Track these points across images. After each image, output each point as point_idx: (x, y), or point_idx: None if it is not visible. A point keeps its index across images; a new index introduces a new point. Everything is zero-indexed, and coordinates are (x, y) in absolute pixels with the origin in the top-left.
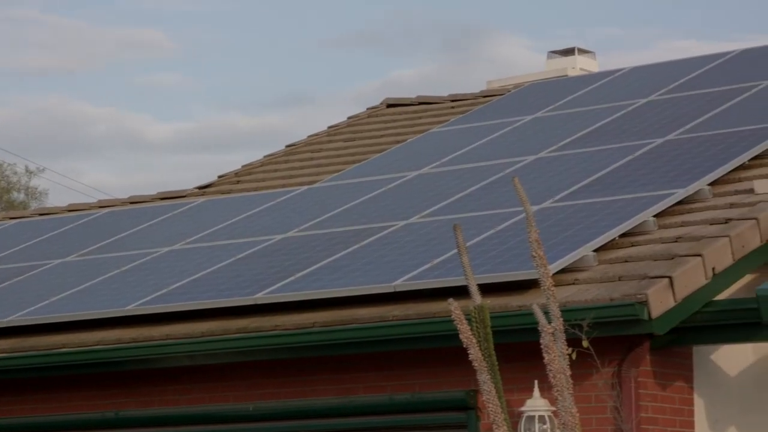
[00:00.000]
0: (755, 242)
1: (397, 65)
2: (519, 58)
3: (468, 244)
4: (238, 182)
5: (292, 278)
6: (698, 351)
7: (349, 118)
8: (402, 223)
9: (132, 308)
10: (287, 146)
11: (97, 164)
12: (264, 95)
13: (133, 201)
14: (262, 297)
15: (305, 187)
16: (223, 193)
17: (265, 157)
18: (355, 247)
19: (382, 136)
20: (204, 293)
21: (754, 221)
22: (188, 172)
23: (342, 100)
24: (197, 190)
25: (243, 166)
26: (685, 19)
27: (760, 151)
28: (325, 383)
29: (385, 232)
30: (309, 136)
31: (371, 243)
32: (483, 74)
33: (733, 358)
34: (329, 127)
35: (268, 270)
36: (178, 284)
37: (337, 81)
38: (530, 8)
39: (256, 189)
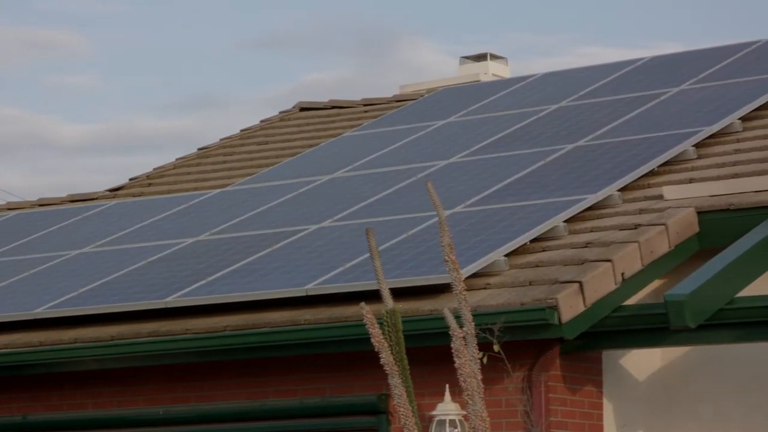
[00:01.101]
0: (664, 248)
1: (311, 69)
2: (433, 63)
3: (380, 248)
4: (149, 185)
5: (204, 282)
6: (607, 356)
7: (262, 121)
8: (314, 227)
9: (41, 311)
10: (199, 149)
11: (5, 166)
12: (176, 97)
13: (43, 203)
14: (173, 300)
15: (217, 191)
16: (134, 195)
17: (177, 159)
18: (268, 250)
19: (294, 139)
20: (114, 296)
21: (662, 227)
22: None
23: (255, 104)
24: (108, 193)
25: (155, 169)
26: (597, 25)
27: (669, 157)
28: (235, 387)
29: (298, 235)
30: (221, 139)
31: (283, 247)
32: (397, 78)
33: (641, 362)
34: (242, 131)
35: (179, 273)
36: (88, 287)
37: (251, 84)
38: (444, 13)
39: (167, 192)
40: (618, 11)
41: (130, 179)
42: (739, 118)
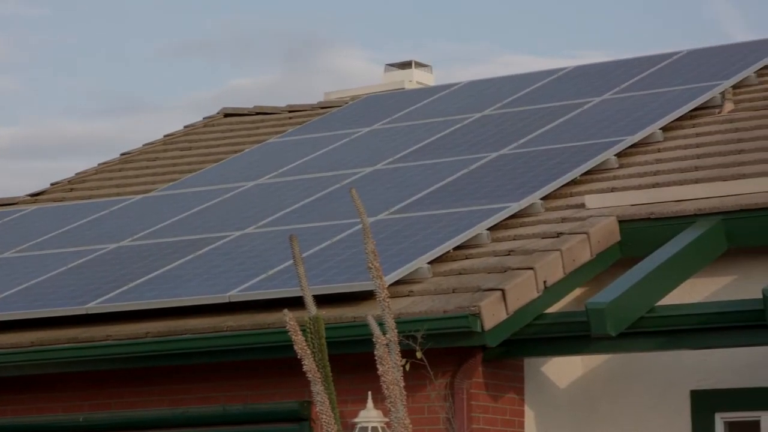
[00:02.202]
0: (585, 256)
1: (236, 74)
2: (358, 70)
3: (304, 254)
4: (71, 190)
5: (126, 288)
6: (529, 363)
7: (185, 127)
8: (238, 233)
9: None
10: (122, 154)
11: None
12: (99, 102)
13: None
14: (94, 306)
15: (140, 196)
16: (55, 200)
17: (99, 164)
18: (190, 257)
19: (218, 145)
20: (34, 302)
21: (584, 236)
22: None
23: (180, 109)
24: (29, 198)
25: (76, 174)
26: (522, 34)
27: (592, 166)
28: (157, 394)
29: (221, 242)
30: (144, 145)
31: (206, 253)
32: (322, 85)
33: (563, 370)
34: (165, 136)
35: (101, 279)
36: (7, 293)
37: (175, 89)
38: (369, 21)
39: (89, 197)
40: (543, 20)
41: (52, 184)
42: (661, 128)
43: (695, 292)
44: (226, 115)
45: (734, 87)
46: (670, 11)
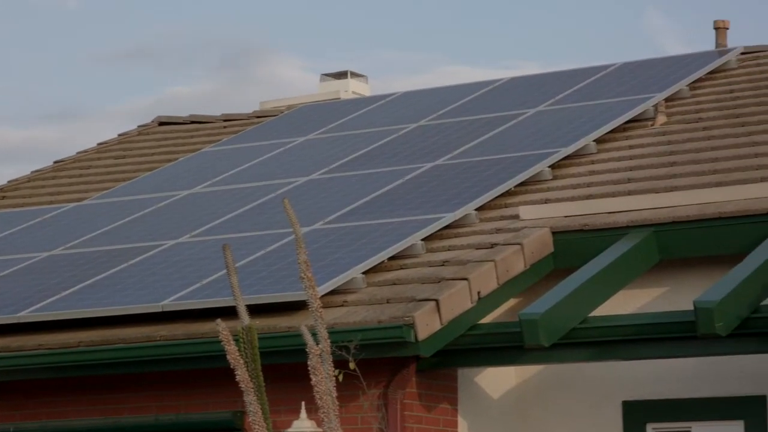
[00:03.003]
0: (519, 267)
1: (173, 82)
2: (294, 80)
3: (238, 264)
4: (3, 198)
5: (58, 296)
6: (463, 373)
7: (119, 135)
8: (172, 242)
9: None
10: (55, 162)
11: None
12: (33, 109)
13: None
14: (25, 315)
15: (73, 204)
16: None
17: (32, 172)
18: (124, 266)
19: (153, 154)
20: None
21: (518, 246)
22: None
23: (114, 117)
24: None
25: (9, 182)
26: (459, 45)
27: (526, 177)
28: (90, 404)
29: (155, 251)
30: (78, 153)
31: (140, 262)
32: (259, 94)
33: (496, 380)
34: (99, 144)
35: (32, 288)
36: None
37: (110, 97)
38: (306, 30)
39: (22, 205)
40: (480, 31)
41: None
42: (594, 140)
43: (627, 303)
44: (161, 124)
45: (667, 100)
46: (605, 24)
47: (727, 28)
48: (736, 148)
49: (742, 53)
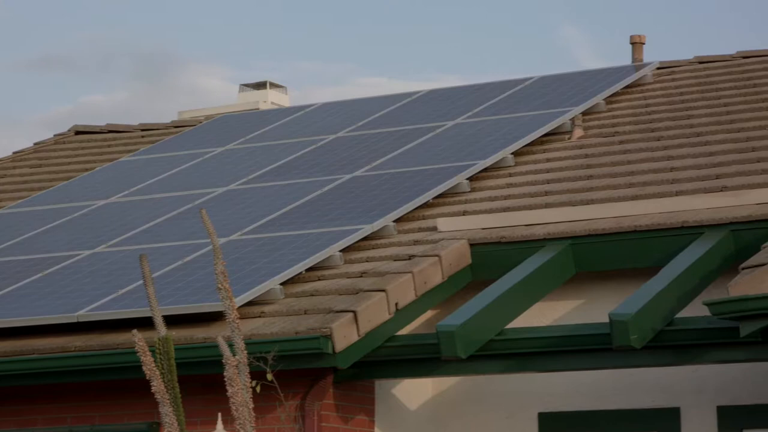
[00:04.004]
0: (437, 279)
1: (91, 91)
2: (214, 90)
3: (155, 275)
4: None
5: None
6: (380, 385)
7: (35, 144)
8: (88, 252)
9: None
10: None
11: None
12: None
13: None
14: None
15: None
16: None
17: None
18: (39, 275)
19: (70, 163)
20: None
21: (436, 258)
22: None
23: (31, 126)
24: None
25: None
26: (378, 56)
27: (444, 189)
28: (3, 415)
29: (70, 261)
30: None
31: (55, 272)
32: (177, 104)
33: (413, 392)
34: (14, 153)
35: None
36: None
37: (26, 106)
38: (226, 39)
39: None
40: (399, 43)
41: None
42: (512, 153)
43: (544, 315)
44: (78, 133)
45: (584, 113)
46: (523, 37)
47: (644, 43)
48: (651, 162)
49: (658, 68)
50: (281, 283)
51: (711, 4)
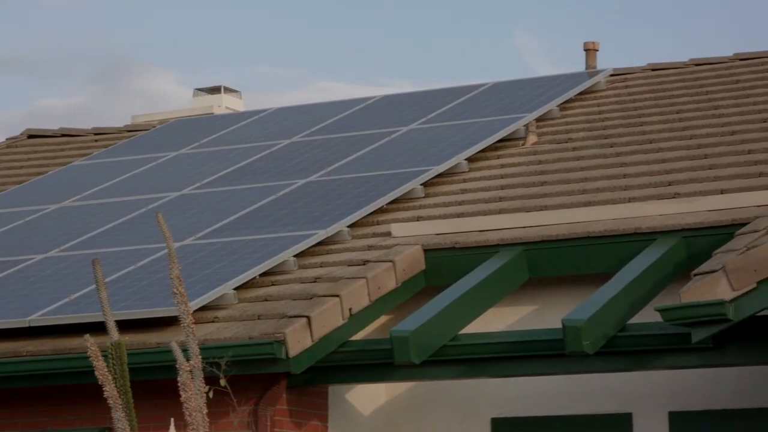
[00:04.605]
0: (391, 284)
1: (45, 94)
2: (168, 94)
3: (108, 279)
4: None
5: None
6: (334, 390)
7: None
8: (40, 256)
9: None
10: None
11: None
12: None
13: None
14: None
15: None
16: None
17: None
18: None
19: (22, 167)
20: None
21: (390, 264)
22: None
23: None
24: None
25: None
26: (333, 61)
27: (398, 195)
28: None
29: (22, 265)
30: None
31: (6, 276)
32: (131, 108)
33: (366, 397)
34: None
35: None
36: None
37: None
38: (180, 44)
39: None
40: (354, 48)
41: None
42: (466, 159)
43: (497, 321)
44: (30, 137)
45: (538, 120)
46: (477, 43)
47: (597, 50)
48: (604, 169)
49: (612, 75)
50: (235, 288)
51: (664, 12)
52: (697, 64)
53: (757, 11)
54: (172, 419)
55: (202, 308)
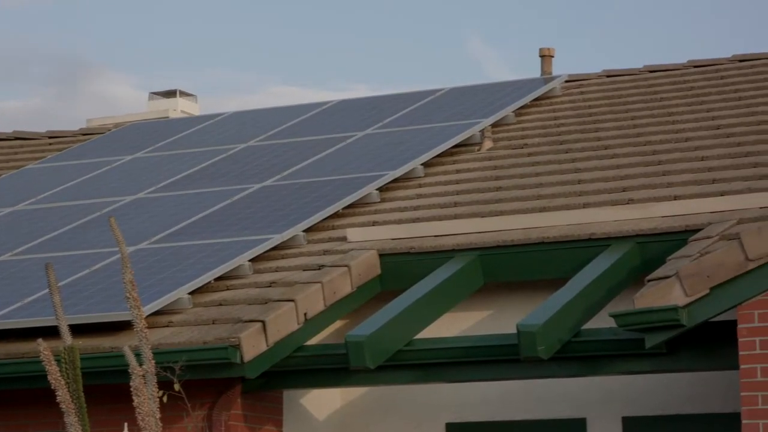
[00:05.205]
0: (346, 289)
1: (3, 97)
2: (124, 98)
3: (61, 283)
4: None
5: None
6: (288, 395)
7: None
8: None
9: None
10: None
11: None
12: None
13: None
14: None
15: None
16: None
17: None
18: None
19: None
20: None
21: (345, 269)
22: None
23: None
24: None
25: None
26: (289, 65)
27: (354, 200)
28: None
29: None
30: None
31: None
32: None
33: (321, 402)
34: None
35: None
36: None
37: None
38: (136, 47)
39: None
40: (310, 52)
41: None
42: (422, 164)
43: (453, 326)
44: None
45: (493, 125)
46: (433, 49)
47: (553, 56)
48: (559, 175)
49: (567, 81)
50: (190, 293)
51: (619, 19)
52: (651, 71)
53: (712, 18)
54: (125, 424)
55: (157, 312)
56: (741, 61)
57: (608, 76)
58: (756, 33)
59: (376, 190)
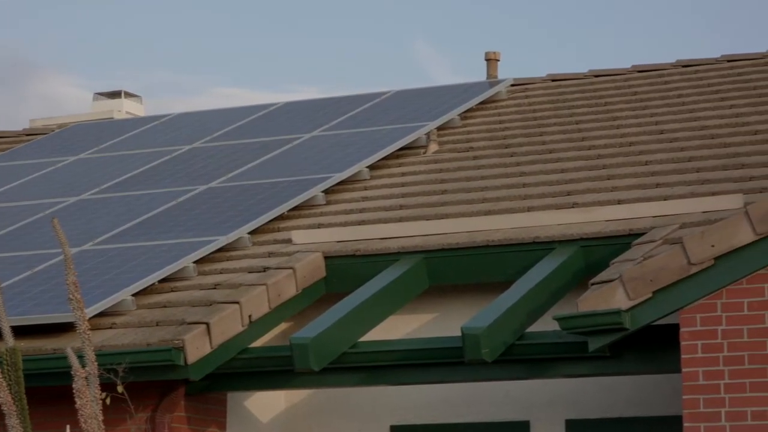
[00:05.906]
0: (291, 291)
1: None
2: (68, 98)
3: (3, 284)
4: None
5: None
6: (233, 397)
7: None
8: None
9: None
10: None
11: None
12: None
13: None
14: None
15: None
16: None
17: None
18: None
19: None
20: None
21: (290, 271)
22: None
23: None
24: None
25: None
26: (236, 67)
27: (299, 202)
28: None
29: None
30: None
31: None
32: (29, 111)
33: (265, 404)
34: None
35: None
36: None
37: None
38: (80, 47)
39: None
40: (257, 54)
41: None
42: (368, 166)
43: (397, 328)
44: None
45: (439, 129)
46: (379, 51)
47: (498, 60)
48: (504, 178)
49: (513, 85)
50: (133, 294)
51: (564, 23)
52: (596, 76)
53: (655, 23)
54: (68, 426)
55: (100, 314)
56: (684, 66)
57: (553, 80)
58: (700, 36)
59: (322, 192)
